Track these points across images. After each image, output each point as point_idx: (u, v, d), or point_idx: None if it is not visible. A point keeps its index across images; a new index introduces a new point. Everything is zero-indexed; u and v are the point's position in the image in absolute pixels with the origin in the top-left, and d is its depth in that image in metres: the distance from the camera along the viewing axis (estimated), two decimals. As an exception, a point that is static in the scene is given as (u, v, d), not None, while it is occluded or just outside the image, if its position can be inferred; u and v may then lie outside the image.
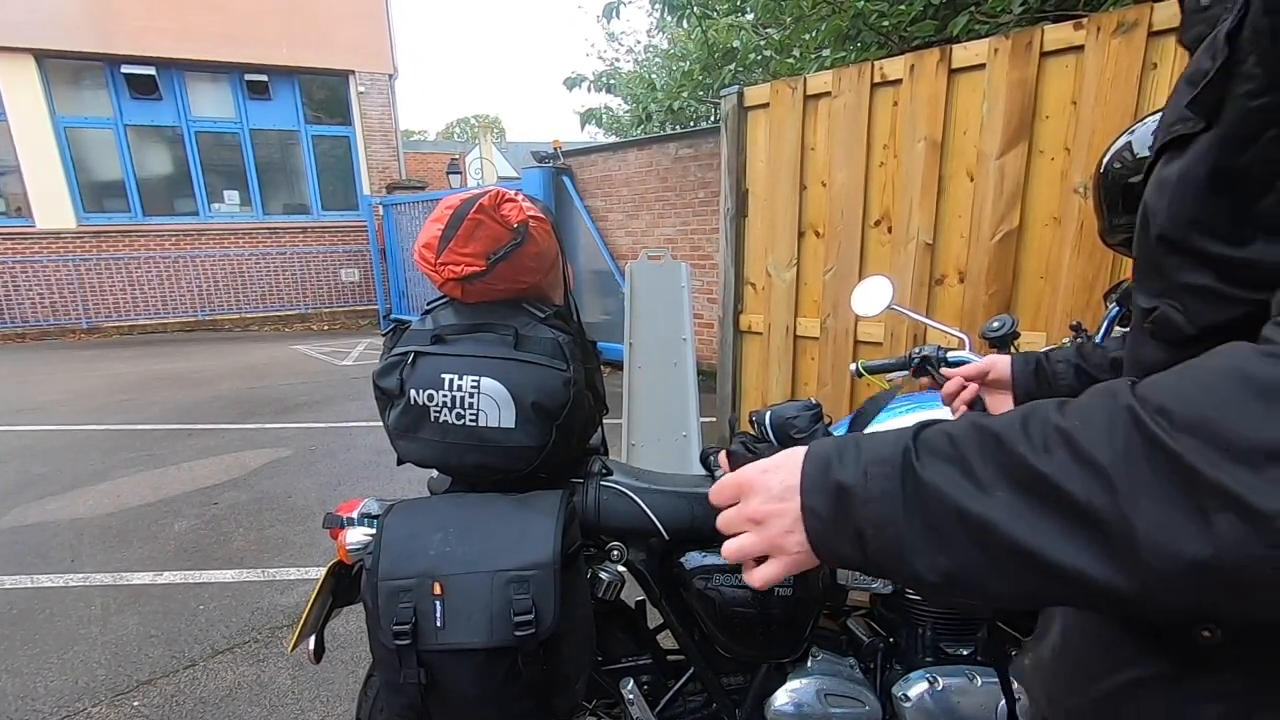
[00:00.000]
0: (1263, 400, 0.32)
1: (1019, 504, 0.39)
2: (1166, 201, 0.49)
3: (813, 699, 1.16)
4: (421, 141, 22.27)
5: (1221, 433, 0.33)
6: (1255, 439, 0.32)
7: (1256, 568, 0.32)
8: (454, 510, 1.03)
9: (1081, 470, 0.37)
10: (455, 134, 35.52)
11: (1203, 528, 0.33)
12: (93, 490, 3.57)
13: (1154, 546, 0.34)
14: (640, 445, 2.67)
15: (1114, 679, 0.50)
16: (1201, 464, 0.33)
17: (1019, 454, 0.39)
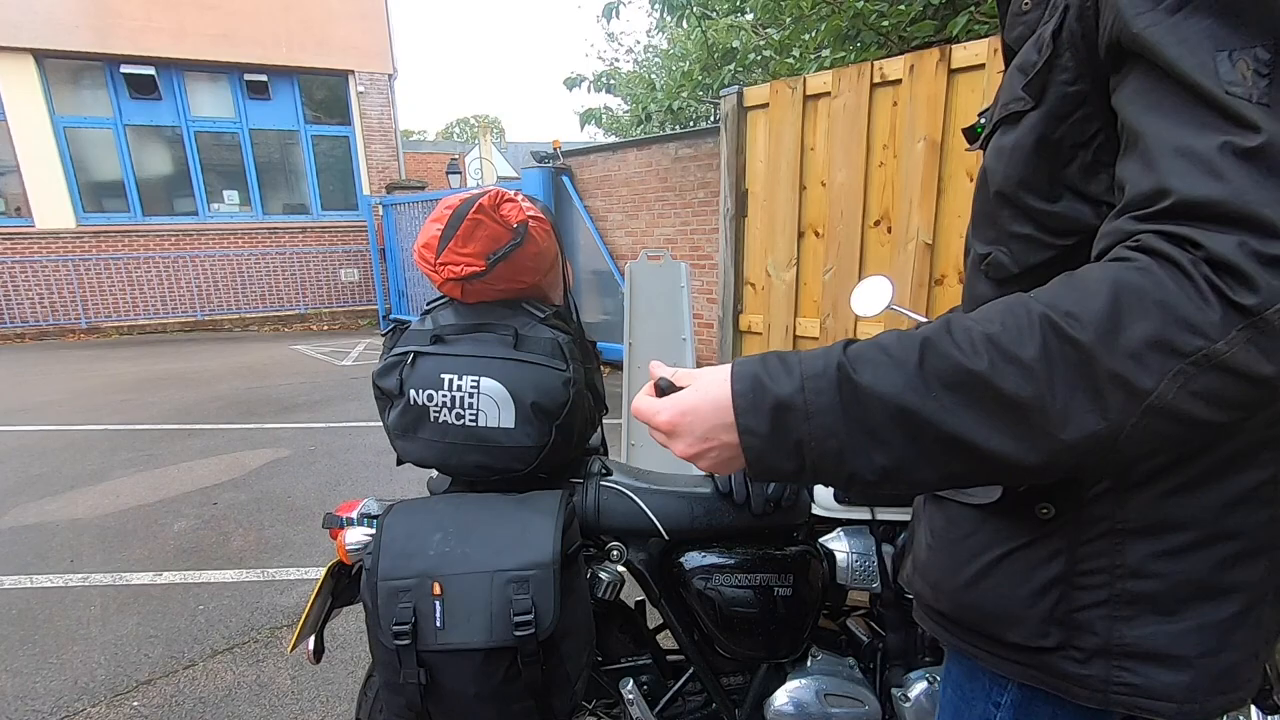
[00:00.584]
0: (1142, 304, 0.41)
1: (953, 400, 0.45)
2: (1003, 165, 0.60)
3: (812, 699, 1.16)
4: (421, 141, 22.26)
5: (1114, 329, 0.42)
6: (1140, 334, 0.41)
7: (1133, 432, 0.43)
8: (453, 510, 1.03)
9: (1009, 367, 0.44)
10: (455, 134, 35.51)
11: (1100, 405, 0.42)
12: (92, 490, 3.57)
13: (1065, 425, 0.43)
14: (640, 445, 2.67)
15: (978, 561, 0.62)
16: (1102, 354, 0.42)
17: (952, 357, 0.46)
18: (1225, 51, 0.43)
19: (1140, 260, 0.43)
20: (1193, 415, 0.42)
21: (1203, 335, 0.40)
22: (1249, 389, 0.41)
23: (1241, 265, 0.40)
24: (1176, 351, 0.41)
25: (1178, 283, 0.41)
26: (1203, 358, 0.40)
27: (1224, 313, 0.40)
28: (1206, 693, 0.56)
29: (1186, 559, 0.55)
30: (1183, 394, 0.41)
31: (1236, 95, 0.42)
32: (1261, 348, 0.40)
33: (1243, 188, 0.40)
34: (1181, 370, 0.41)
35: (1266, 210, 0.40)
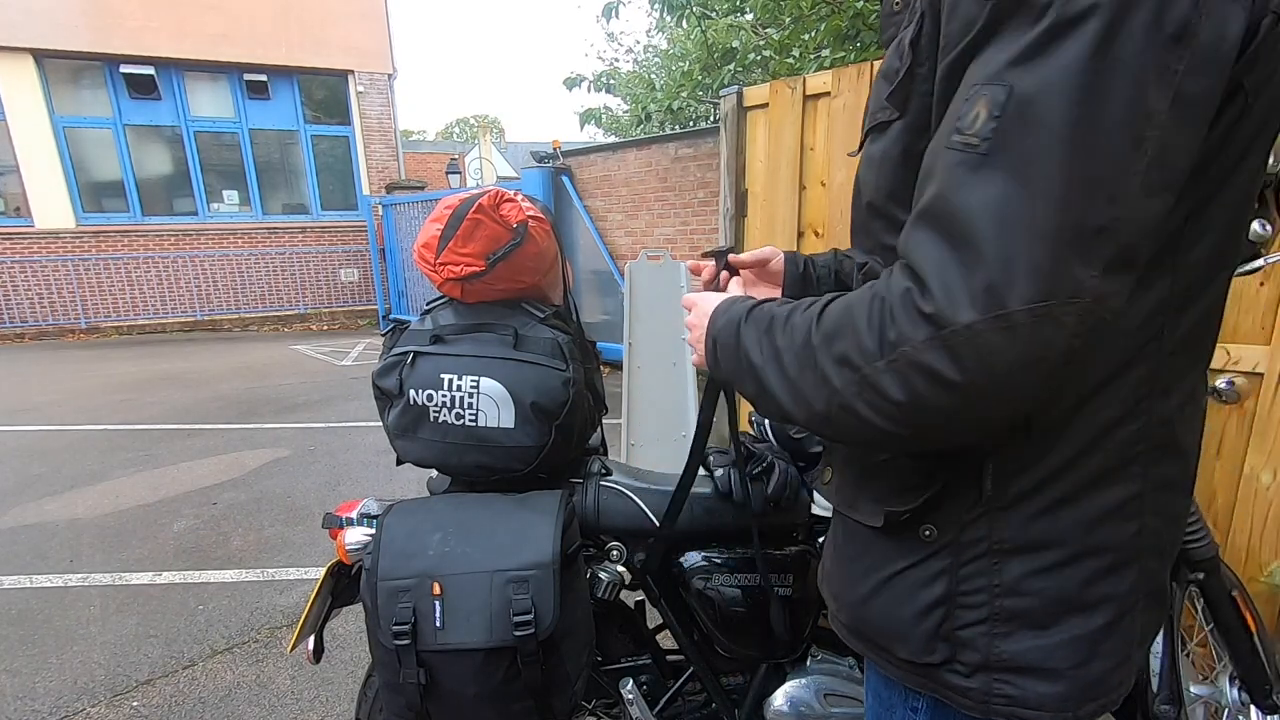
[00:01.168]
0: (846, 325, 0.52)
1: (770, 362, 0.59)
2: (873, 175, 0.62)
3: (812, 699, 1.16)
4: (421, 141, 22.25)
5: (830, 339, 0.54)
6: (839, 346, 0.53)
7: (833, 418, 0.54)
8: (453, 510, 1.03)
9: (791, 349, 0.57)
10: (454, 134, 35.50)
11: (820, 393, 0.54)
12: (91, 490, 3.57)
13: (804, 398, 0.56)
14: (640, 445, 2.67)
15: (870, 580, 0.67)
16: (821, 355, 0.54)
17: (776, 338, 0.59)
18: (978, 85, 0.46)
19: (867, 289, 0.53)
20: (866, 419, 0.52)
21: (862, 356, 0.51)
22: (893, 410, 0.50)
23: (897, 309, 0.48)
24: (850, 364, 0.52)
25: (865, 312, 0.51)
26: (863, 375, 0.51)
27: (875, 343, 0.50)
28: (1079, 701, 0.59)
29: (1057, 575, 0.58)
30: (858, 400, 0.51)
31: (955, 148, 0.46)
32: (895, 377, 0.49)
33: (917, 243, 0.48)
34: (856, 380, 0.51)
35: (924, 269, 0.47)
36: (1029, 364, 0.45)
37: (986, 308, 0.44)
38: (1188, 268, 0.53)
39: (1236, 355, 1.70)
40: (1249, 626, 1.14)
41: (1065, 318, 0.44)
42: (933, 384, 0.47)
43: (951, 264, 0.45)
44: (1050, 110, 0.42)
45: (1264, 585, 1.73)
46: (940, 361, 0.46)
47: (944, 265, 0.45)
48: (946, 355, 0.46)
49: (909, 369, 0.48)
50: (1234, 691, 1.18)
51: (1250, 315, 1.68)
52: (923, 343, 0.46)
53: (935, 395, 0.47)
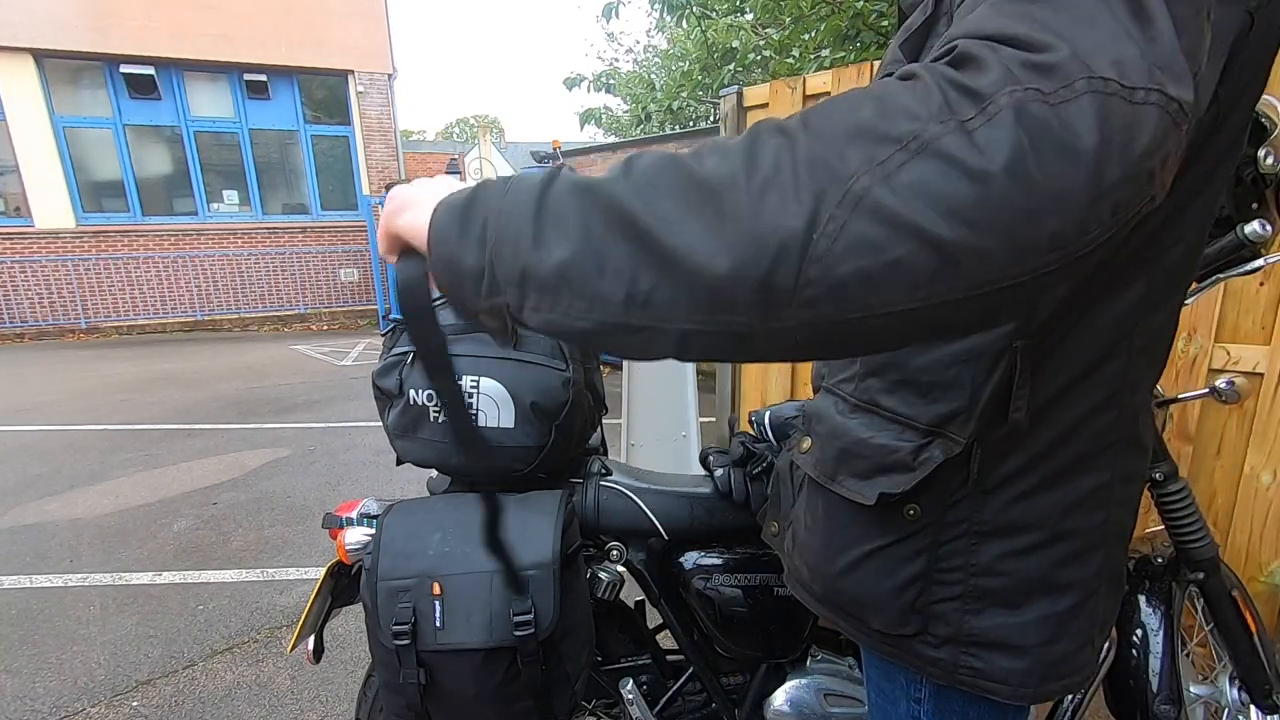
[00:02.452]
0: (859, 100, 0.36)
1: (646, 187, 0.38)
2: None
3: (812, 699, 1.16)
4: (421, 141, 22.24)
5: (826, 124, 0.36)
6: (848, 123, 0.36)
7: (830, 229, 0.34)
8: (453, 510, 1.03)
9: (713, 156, 0.38)
10: (454, 134, 35.50)
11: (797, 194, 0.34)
12: (91, 490, 3.57)
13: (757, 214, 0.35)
14: (640, 445, 2.67)
15: (851, 553, 0.68)
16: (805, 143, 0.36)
17: (654, 154, 0.40)
18: None
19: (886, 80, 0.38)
20: (898, 214, 0.33)
21: (915, 119, 0.34)
22: (963, 184, 0.33)
23: (980, 55, 0.34)
24: (885, 137, 0.34)
25: (907, 84, 0.36)
26: (912, 140, 0.33)
27: (945, 99, 0.34)
28: (1040, 678, 0.62)
29: (1030, 558, 0.61)
30: (886, 186, 0.33)
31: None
32: (983, 136, 0.33)
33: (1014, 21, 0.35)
34: (888, 158, 0.34)
35: (1034, 32, 0.34)
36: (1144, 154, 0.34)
37: (1150, 80, 0.33)
38: (1163, 269, 0.55)
39: (1236, 355, 1.70)
40: (1249, 626, 1.14)
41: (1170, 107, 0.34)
42: (1059, 151, 0.32)
43: (1069, 25, 0.34)
44: None
45: (1264, 585, 1.73)
46: (1081, 117, 0.32)
47: (1061, 26, 0.34)
48: (1092, 112, 0.32)
49: (1036, 110, 0.32)
50: (1234, 691, 1.18)
51: (1250, 315, 1.68)
52: (1067, 88, 0.32)
53: (1054, 165, 0.32)
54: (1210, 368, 1.73)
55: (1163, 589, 1.15)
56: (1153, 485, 1.06)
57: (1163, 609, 1.13)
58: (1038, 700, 0.64)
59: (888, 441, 0.64)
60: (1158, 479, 1.05)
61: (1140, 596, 1.14)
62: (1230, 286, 1.67)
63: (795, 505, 0.81)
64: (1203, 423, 1.78)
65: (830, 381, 0.76)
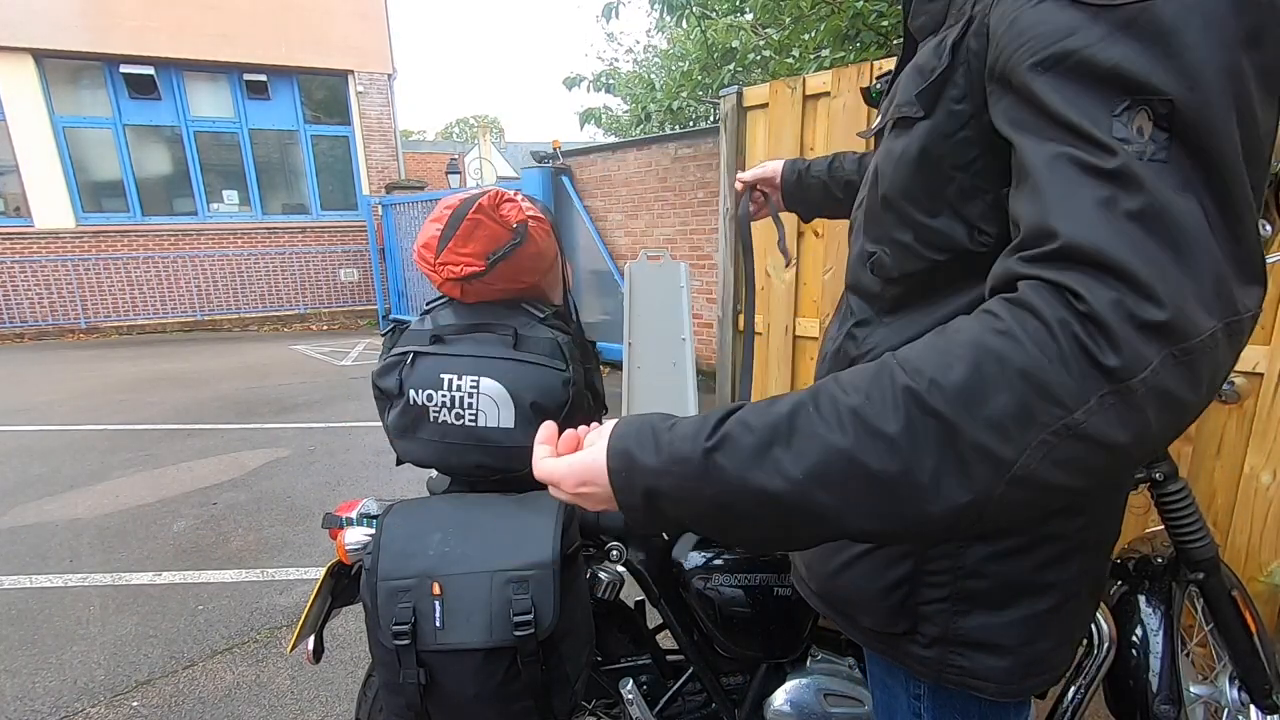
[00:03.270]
0: (1004, 371, 0.40)
1: (817, 480, 0.43)
2: (891, 169, 0.61)
3: (812, 699, 1.16)
4: (420, 141, 22.25)
5: (976, 400, 0.40)
6: (1003, 403, 0.40)
7: (999, 501, 0.41)
8: (453, 510, 1.03)
9: (874, 443, 0.42)
10: (454, 134, 35.51)
11: (966, 477, 0.41)
12: (91, 490, 3.57)
13: (933, 499, 0.41)
14: (639, 445, 2.66)
15: (842, 555, 0.70)
16: (966, 426, 0.40)
17: (818, 434, 0.43)
18: (1125, 102, 0.41)
19: (1007, 320, 0.42)
20: (1054, 483, 0.41)
21: (1061, 405, 0.39)
22: (1106, 457, 0.40)
23: (1113, 326, 0.38)
24: (1037, 422, 0.40)
25: (1042, 347, 0.40)
26: (1063, 427, 0.39)
27: (1084, 378, 0.39)
28: (1022, 675, 0.64)
29: (1013, 561, 0.62)
30: (1045, 463, 0.40)
31: (1130, 152, 0.40)
32: (1119, 415, 0.39)
33: (1125, 245, 0.39)
34: (1044, 440, 0.40)
35: (1144, 271, 0.39)
36: (1222, 379, 0.41)
37: (1221, 314, 0.39)
38: None
39: (1236, 355, 1.70)
40: (1249, 626, 1.14)
41: (1248, 323, 0.41)
42: (1163, 408, 0.39)
43: (1174, 268, 0.39)
44: (1217, 121, 0.40)
45: (1264, 585, 1.73)
46: (1177, 381, 0.39)
47: (1167, 268, 0.39)
48: (1184, 371, 0.38)
49: (1143, 398, 0.38)
50: (1234, 691, 1.18)
51: (1250, 315, 1.68)
52: (1160, 363, 0.38)
53: (1161, 422, 0.39)
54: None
55: (1163, 589, 1.15)
56: (1153, 485, 1.06)
57: (1163, 609, 1.13)
58: (1020, 696, 0.66)
59: None
60: (1158, 479, 1.05)
61: (1140, 596, 1.14)
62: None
63: None
64: (1203, 423, 1.78)
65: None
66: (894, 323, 0.67)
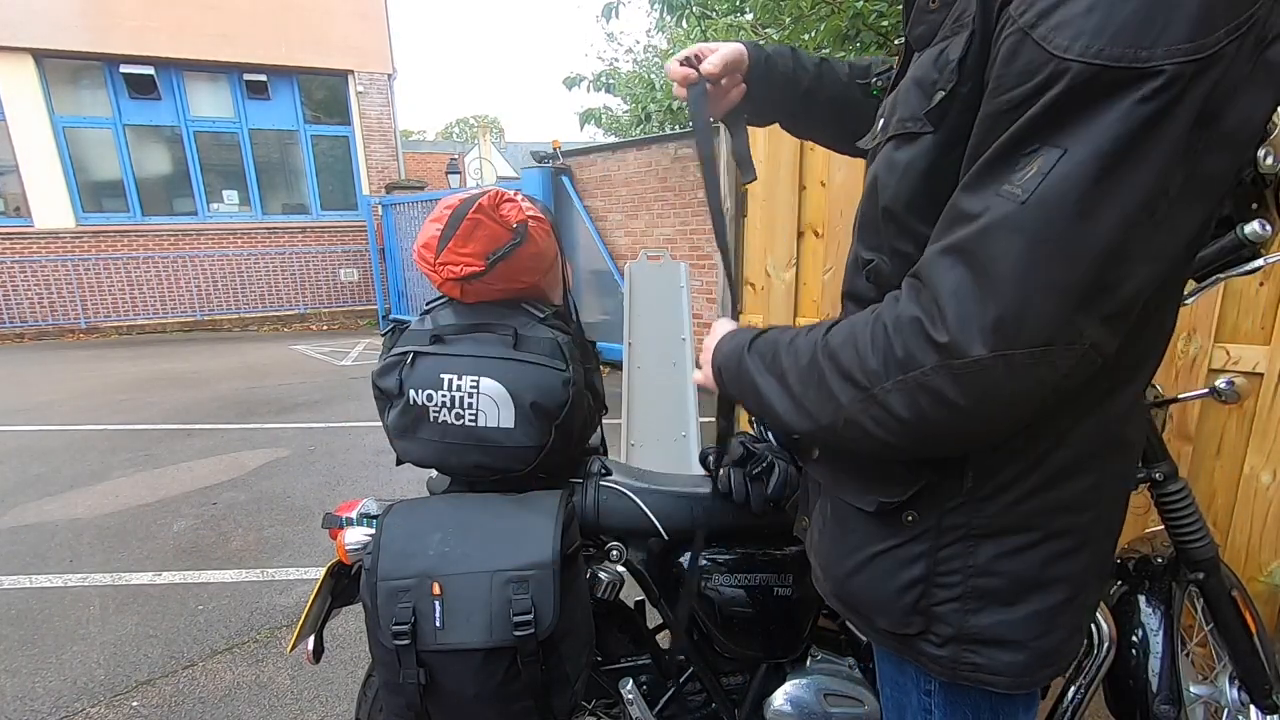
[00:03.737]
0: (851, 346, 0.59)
1: (772, 382, 0.68)
2: (894, 180, 0.62)
3: (812, 699, 1.16)
4: (420, 142, 22.25)
5: (836, 360, 0.60)
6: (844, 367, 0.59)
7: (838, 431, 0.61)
8: (453, 510, 1.03)
9: (795, 368, 0.65)
10: (454, 134, 35.51)
11: (824, 408, 0.61)
12: (91, 490, 3.57)
13: (809, 414, 0.63)
14: (640, 445, 2.67)
15: (856, 556, 0.72)
16: (827, 374, 0.61)
17: (778, 358, 0.68)
18: (1035, 145, 0.48)
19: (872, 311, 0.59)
20: (870, 432, 0.58)
21: (867, 376, 0.57)
22: (898, 425, 0.56)
23: (904, 330, 0.54)
24: (857, 386, 0.58)
25: (870, 334, 0.57)
26: (869, 396, 0.57)
27: (883, 365, 0.55)
28: (1035, 668, 0.66)
29: (1023, 558, 0.64)
30: (864, 415, 0.58)
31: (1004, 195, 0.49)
32: (903, 397, 0.54)
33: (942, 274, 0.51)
34: (862, 399, 0.57)
35: (944, 299, 0.51)
36: (1023, 397, 0.51)
37: (995, 345, 0.49)
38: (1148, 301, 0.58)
39: (1236, 355, 1.70)
40: (1249, 626, 1.14)
41: (1060, 360, 0.49)
42: (937, 405, 0.53)
43: (971, 299, 0.49)
44: (1085, 177, 0.46)
45: (1264, 585, 1.73)
46: (947, 386, 0.52)
47: (964, 299, 0.50)
48: (952, 381, 0.51)
49: (917, 390, 0.53)
50: (1234, 691, 1.18)
51: (1250, 315, 1.68)
52: (932, 368, 0.52)
53: (938, 415, 0.53)
54: (1210, 368, 1.73)
55: (1163, 589, 1.15)
56: (1153, 485, 1.06)
57: (1163, 609, 1.13)
58: (1032, 687, 0.68)
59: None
60: (1158, 479, 1.05)
61: (1140, 596, 1.14)
62: (1230, 286, 1.67)
63: (815, 505, 0.84)
64: (1203, 423, 1.78)
65: None
66: None
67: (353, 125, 10.56)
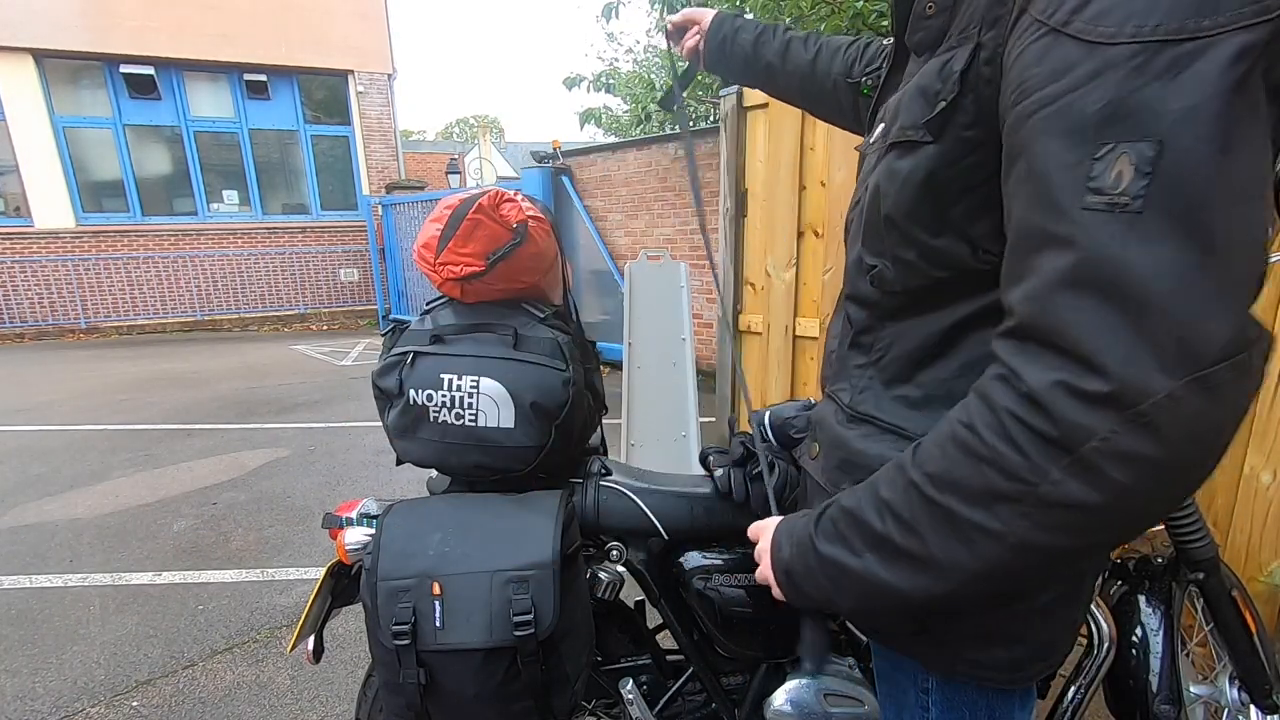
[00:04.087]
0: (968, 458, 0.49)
1: (875, 558, 0.56)
2: (895, 189, 0.61)
3: (812, 699, 1.15)
4: (420, 142, 22.26)
5: (958, 485, 0.49)
6: (974, 485, 0.48)
7: (1005, 567, 0.50)
8: (453, 510, 1.03)
9: (899, 527, 0.54)
10: (454, 134, 35.51)
11: (971, 550, 0.50)
12: (91, 490, 3.57)
13: (952, 567, 0.51)
14: (640, 445, 2.67)
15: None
16: (956, 508, 0.50)
17: (867, 523, 0.57)
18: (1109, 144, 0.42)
19: (971, 411, 0.49)
20: (1054, 545, 0.47)
21: (1022, 480, 0.45)
22: (1088, 517, 0.45)
23: (1050, 403, 0.43)
24: (1008, 498, 0.46)
25: (994, 432, 0.47)
26: (1035, 499, 0.45)
27: (1039, 454, 0.44)
28: (1031, 662, 0.66)
29: None
30: (1035, 530, 0.46)
31: (1096, 208, 0.42)
32: (1084, 480, 0.43)
33: (1070, 318, 0.42)
34: (1023, 513, 0.46)
35: (1087, 344, 0.42)
36: (1232, 419, 0.42)
37: (1183, 371, 0.40)
38: None
39: (1236, 355, 1.70)
40: (1249, 626, 1.14)
41: (1255, 362, 0.42)
42: (1130, 469, 0.42)
43: (1127, 331, 0.41)
44: (1202, 163, 0.40)
45: (1264, 585, 1.73)
46: (1138, 442, 0.41)
47: (1118, 335, 0.41)
48: (1143, 433, 0.41)
49: (1101, 463, 0.42)
50: (1234, 691, 1.18)
51: (1250, 315, 1.68)
52: (1111, 430, 0.42)
53: (1137, 481, 0.43)
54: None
55: (1163, 589, 1.15)
56: (1153, 485, 1.06)
57: (1163, 609, 1.13)
58: (1028, 683, 0.68)
59: (884, 451, 0.65)
60: (1158, 479, 1.05)
61: (1140, 596, 1.14)
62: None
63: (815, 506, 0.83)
64: (1203, 423, 1.78)
65: (831, 387, 0.77)
66: (896, 328, 0.67)
67: (353, 125, 10.56)
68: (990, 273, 0.56)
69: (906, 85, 0.64)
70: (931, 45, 0.60)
